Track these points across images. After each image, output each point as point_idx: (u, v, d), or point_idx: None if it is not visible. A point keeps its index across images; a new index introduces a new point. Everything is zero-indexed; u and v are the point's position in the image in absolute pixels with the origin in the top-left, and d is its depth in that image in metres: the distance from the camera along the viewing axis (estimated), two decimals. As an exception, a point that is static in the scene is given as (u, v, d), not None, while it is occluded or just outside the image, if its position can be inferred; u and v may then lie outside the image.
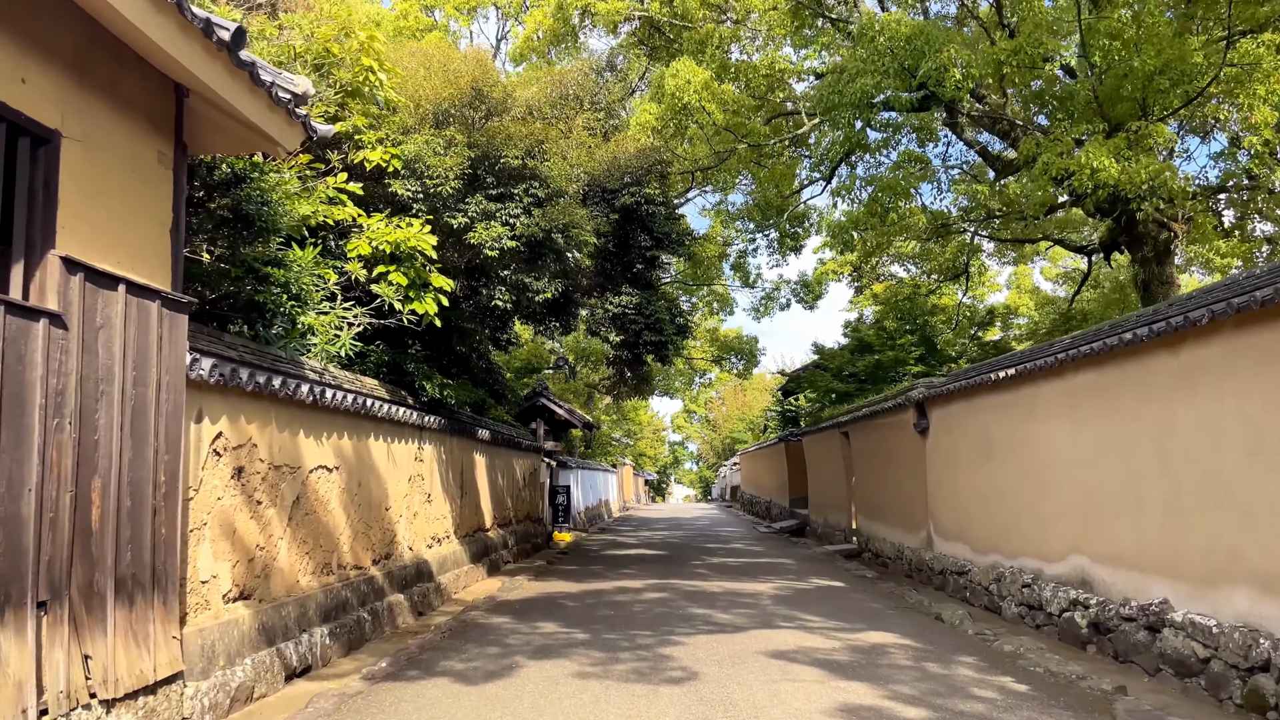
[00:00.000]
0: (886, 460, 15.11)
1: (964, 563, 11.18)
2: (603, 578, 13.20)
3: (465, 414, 13.92)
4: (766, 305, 25.94)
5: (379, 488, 9.71)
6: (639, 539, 22.08)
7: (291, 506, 7.52)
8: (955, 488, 11.71)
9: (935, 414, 12.52)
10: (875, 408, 15.14)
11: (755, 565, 15.00)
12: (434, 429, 11.69)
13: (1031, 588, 9.06)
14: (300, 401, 7.48)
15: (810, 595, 11.01)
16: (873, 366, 19.84)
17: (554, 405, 21.17)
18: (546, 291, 10.34)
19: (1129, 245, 14.36)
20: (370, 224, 9.37)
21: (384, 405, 9.64)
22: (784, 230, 22.39)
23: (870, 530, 16.37)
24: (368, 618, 8.73)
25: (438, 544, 11.97)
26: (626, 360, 14.83)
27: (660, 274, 14.12)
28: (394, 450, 10.25)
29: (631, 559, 16.48)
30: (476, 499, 14.45)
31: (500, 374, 16.84)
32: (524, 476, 18.54)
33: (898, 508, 14.48)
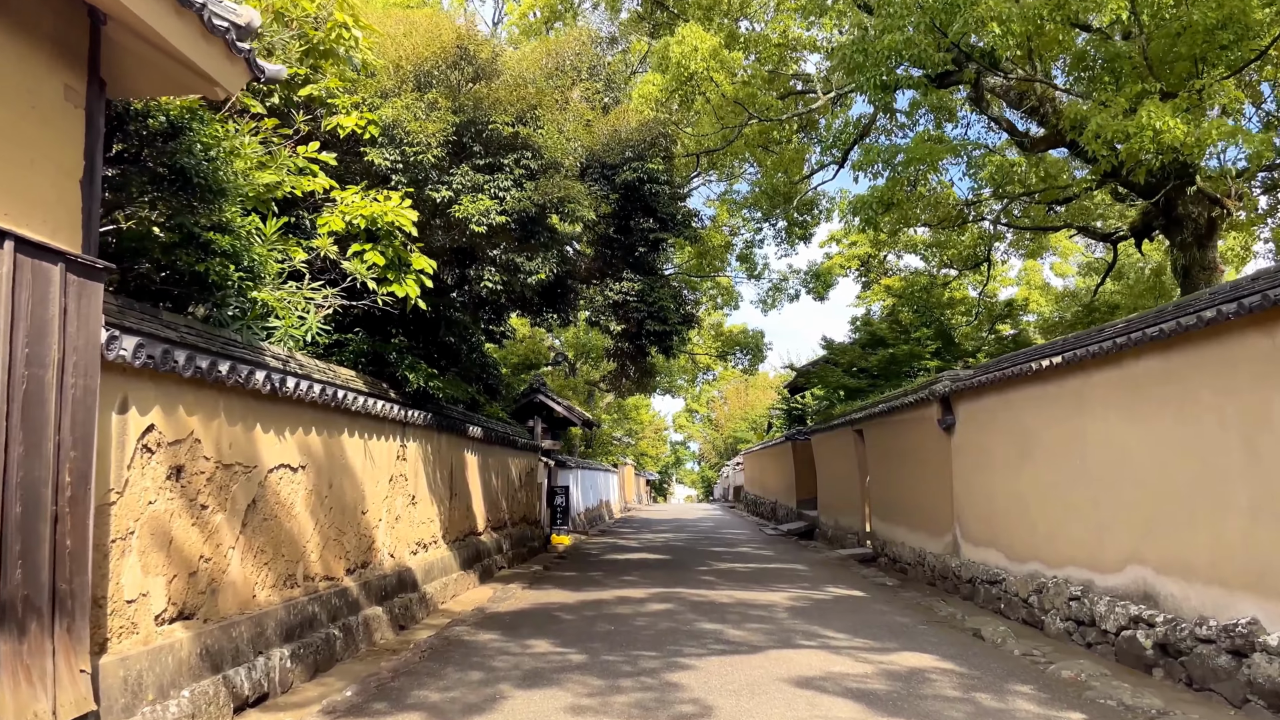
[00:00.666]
0: (905, 459, 14.16)
1: (997, 571, 10.23)
2: (602, 586, 12.26)
3: (455, 410, 12.99)
4: (774, 297, 24.98)
5: (354, 489, 8.76)
6: (641, 542, 21.14)
7: (246, 511, 6.58)
8: (986, 489, 10.76)
9: (962, 409, 11.57)
10: (893, 403, 14.19)
11: (766, 572, 14.05)
12: (419, 425, 10.76)
13: (1081, 601, 8.11)
14: (256, 391, 6.54)
15: (829, 607, 10.06)
16: (886, 361, 18.88)
17: (552, 402, 20.24)
18: (540, 273, 9.39)
19: (1166, 229, 13.41)
20: (344, 197, 8.42)
21: (360, 398, 8.70)
22: (792, 219, 21.45)
23: (887, 534, 15.42)
24: (339, 635, 7.79)
25: (423, 550, 11.03)
26: (628, 352, 13.88)
27: (664, 259, 13.17)
28: (372, 448, 9.31)
29: (633, 564, 15.54)
30: (467, 501, 13.51)
31: (495, 368, 15.90)
32: (520, 476, 17.60)
33: (918, 510, 13.53)
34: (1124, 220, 18.94)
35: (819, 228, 21.06)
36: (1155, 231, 14.73)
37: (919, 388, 13.01)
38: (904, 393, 13.99)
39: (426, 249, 9.06)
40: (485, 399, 16.39)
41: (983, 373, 10.76)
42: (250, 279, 6.19)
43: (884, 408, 14.77)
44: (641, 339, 12.89)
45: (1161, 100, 7.67)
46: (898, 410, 14.05)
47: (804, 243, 21.97)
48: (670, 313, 11.95)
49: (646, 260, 12.16)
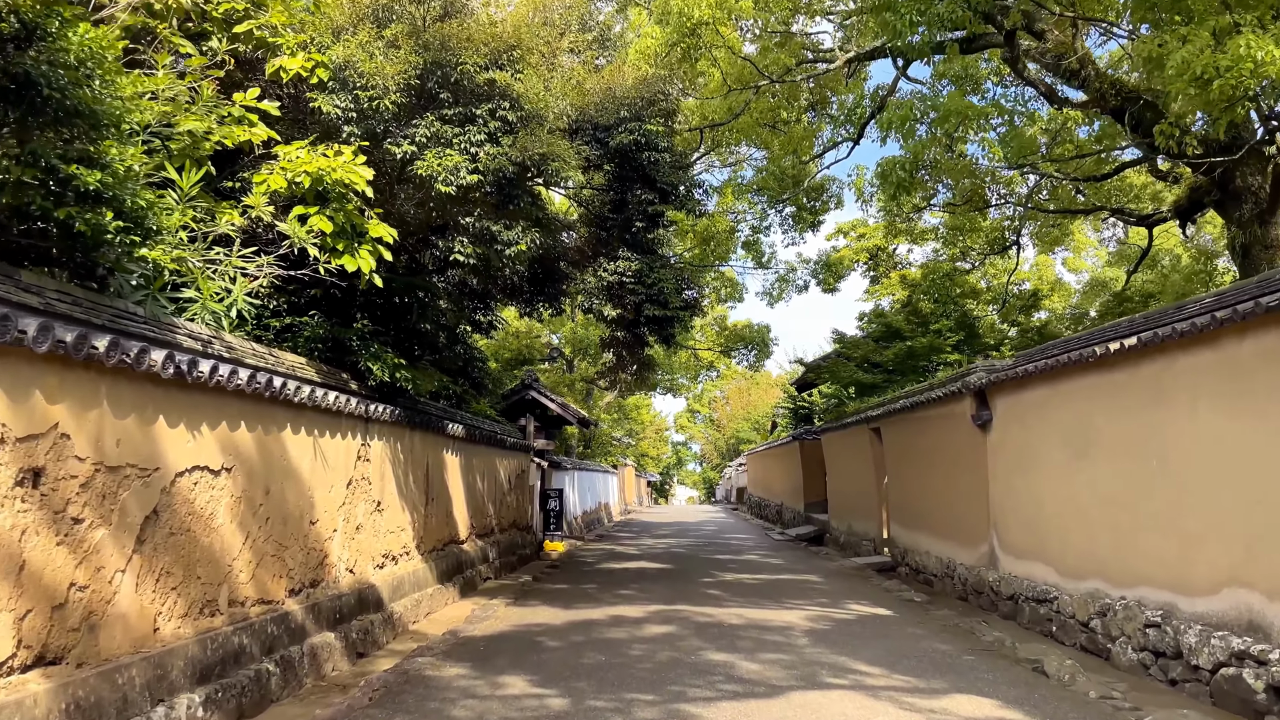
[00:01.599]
0: (931, 460, 12.84)
1: (1046, 588, 8.91)
2: (596, 601, 10.96)
3: (433, 405, 11.69)
4: (780, 288, 23.64)
5: (300, 495, 7.46)
6: (640, 548, 19.82)
7: (144, 525, 5.28)
8: (1031, 494, 9.45)
9: (1001, 403, 10.26)
10: (918, 398, 12.88)
11: (777, 584, 12.74)
12: (386, 421, 9.46)
13: (1162, 629, 6.79)
14: (155, 376, 5.24)
15: (855, 630, 8.75)
16: (903, 355, 17.57)
17: (545, 399, 18.94)
18: (520, 243, 8.10)
19: (1221, 205, 12.10)
20: (287, 152, 7.13)
21: (307, 389, 7.40)
22: (800, 204, 20.13)
23: (908, 541, 14.10)
24: (274, 670, 6.50)
25: (391, 563, 9.73)
26: (625, 342, 12.58)
27: (664, 238, 11.87)
28: (325, 447, 8.01)
29: (631, 574, 14.23)
30: (447, 506, 12.21)
31: (480, 361, 14.62)
32: (509, 479, 16.30)
33: (946, 516, 12.22)
34: (1158, 203, 17.63)
35: (829, 214, 19.75)
36: (1205, 210, 13.40)
37: (949, 380, 11.70)
38: (930, 386, 12.68)
39: (387, 216, 7.76)
40: (472, 394, 15.11)
41: (1027, 361, 9.44)
42: (136, 232, 4.88)
43: (906, 403, 13.46)
44: (639, 326, 11.59)
45: (1260, 30, 6.41)
46: (922, 406, 12.74)
47: (813, 230, 20.68)
48: (671, 296, 10.66)
49: (644, 237, 10.86)
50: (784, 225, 21.05)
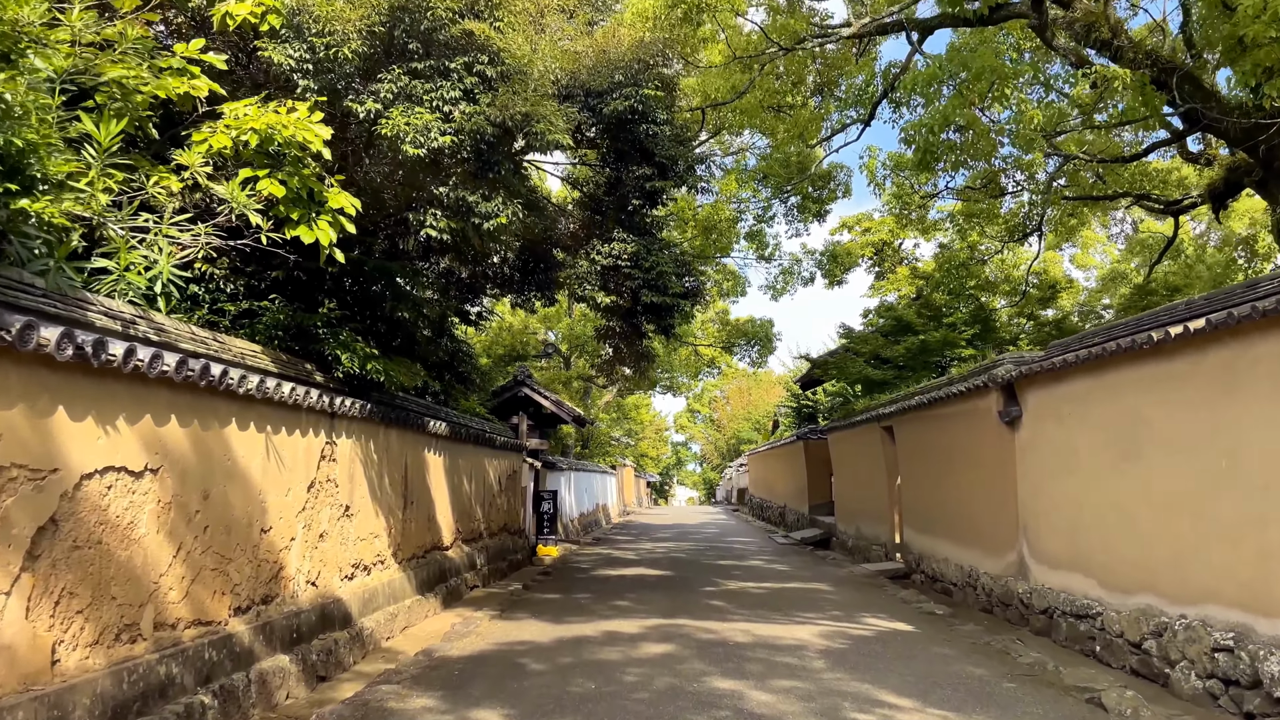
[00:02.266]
0: (950, 460, 11.95)
1: (1087, 603, 8.02)
2: (589, 614, 10.07)
3: (413, 401, 10.81)
4: (785, 281, 22.71)
5: (249, 500, 6.57)
6: (639, 553, 18.93)
7: (36, 537, 4.40)
8: (1068, 497, 8.56)
9: (1033, 397, 9.37)
10: (935, 394, 11.99)
11: (785, 594, 11.85)
12: (356, 417, 8.57)
13: (1235, 654, 5.90)
14: (50, 359, 4.35)
15: (875, 649, 7.86)
16: (915, 350, 16.68)
17: (539, 396, 18.04)
18: (500, 216, 7.19)
19: (1263, 185, 11.21)
20: (234, 108, 6.24)
21: (257, 379, 6.51)
22: (806, 192, 19.26)
23: (924, 547, 13.21)
24: (211, 702, 5.61)
25: (363, 573, 8.84)
26: (621, 333, 11.67)
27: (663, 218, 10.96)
28: (280, 445, 7.11)
29: (628, 582, 13.34)
30: (429, 510, 11.32)
31: (468, 355, 13.74)
32: (499, 480, 15.41)
33: (967, 521, 11.33)
34: (1184, 189, 16.75)
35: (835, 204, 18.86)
36: (1239, 193, 12.52)
37: (972, 374, 10.82)
38: (950, 381, 11.79)
39: (350, 185, 6.87)
40: (460, 390, 14.23)
41: (1063, 351, 8.55)
42: (14, 180, 3.98)
43: (923, 399, 12.57)
44: (636, 316, 10.70)
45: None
46: (941, 402, 11.85)
47: (818, 220, 19.78)
48: (671, 281, 9.76)
49: (642, 218, 9.97)
50: (789, 215, 20.17)
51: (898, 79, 13.77)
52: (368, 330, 9.75)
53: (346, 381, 8.58)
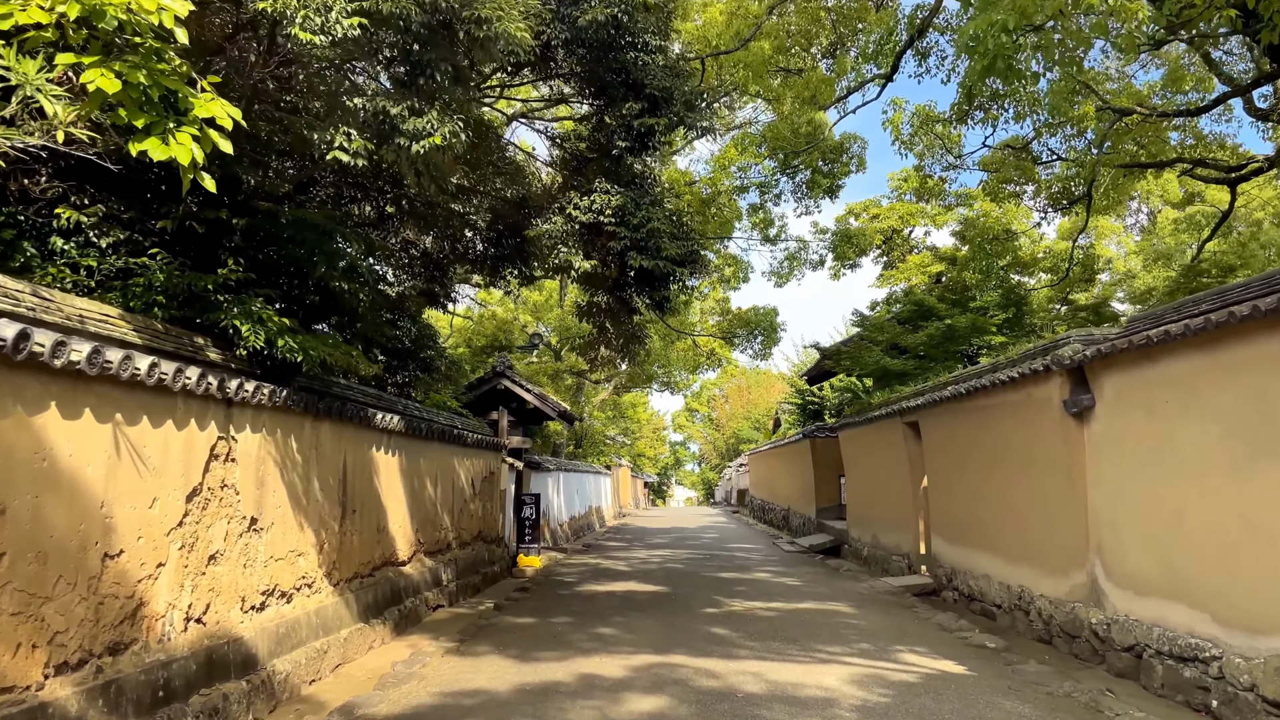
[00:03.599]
0: (994, 459, 10.20)
1: (1195, 643, 6.27)
2: (564, 647, 8.31)
3: (356, 390, 9.05)
4: (791, 266, 20.93)
5: (81, 515, 4.80)
6: (632, 563, 17.15)
7: None
8: (1165, 506, 6.81)
9: (1110, 383, 7.61)
10: (975, 383, 10.24)
11: (799, 617, 10.10)
12: (267, 406, 6.80)
13: None
14: None
15: (925, 703, 6.11)
16: (939, 337, 14.92)
17: (521, 389, 16.27)
18: (434, 135, 5.40)
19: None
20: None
21: (87, 346, 4.74)
22: (816, 166, 17.50)
23: (957, 560, 11.46)
24: (-7, 814, 3.84)
25: (279, 601, 7.07)
26: (606, 309, 9.90)
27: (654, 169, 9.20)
28: (141, 440, 5.34)
29: (616, 601, 11.57)
30: (379, 519, 9.55)
31: (433, 340, 11.97)
32: (473, 483, 13.64)
33: (1017, 531, 9.58)
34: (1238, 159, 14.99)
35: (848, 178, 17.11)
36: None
37: (1025, 357, 9.06)
38: (993, 367, 10.03)
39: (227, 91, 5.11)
40: (425, 381, 12.47)
41: (1153, 325, 6.80)
42: None
43: (958, 390, 10.81)
44: (625, 288, 8.94)
45: None
46: (983, 392, 10.09)
47: (830, 197, 18.04)
48: (664, 242, 8.00)
49: (629, 164, 8.22)
50: (797, 192, 18.41)
51: (927, 23, 12.00)
52: (294, 302, 8.00)
53: (258, 363, 6.83)
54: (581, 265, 8.10)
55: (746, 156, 16.68)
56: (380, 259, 11.43)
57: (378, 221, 10.84)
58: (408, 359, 11.78)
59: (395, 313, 11.68)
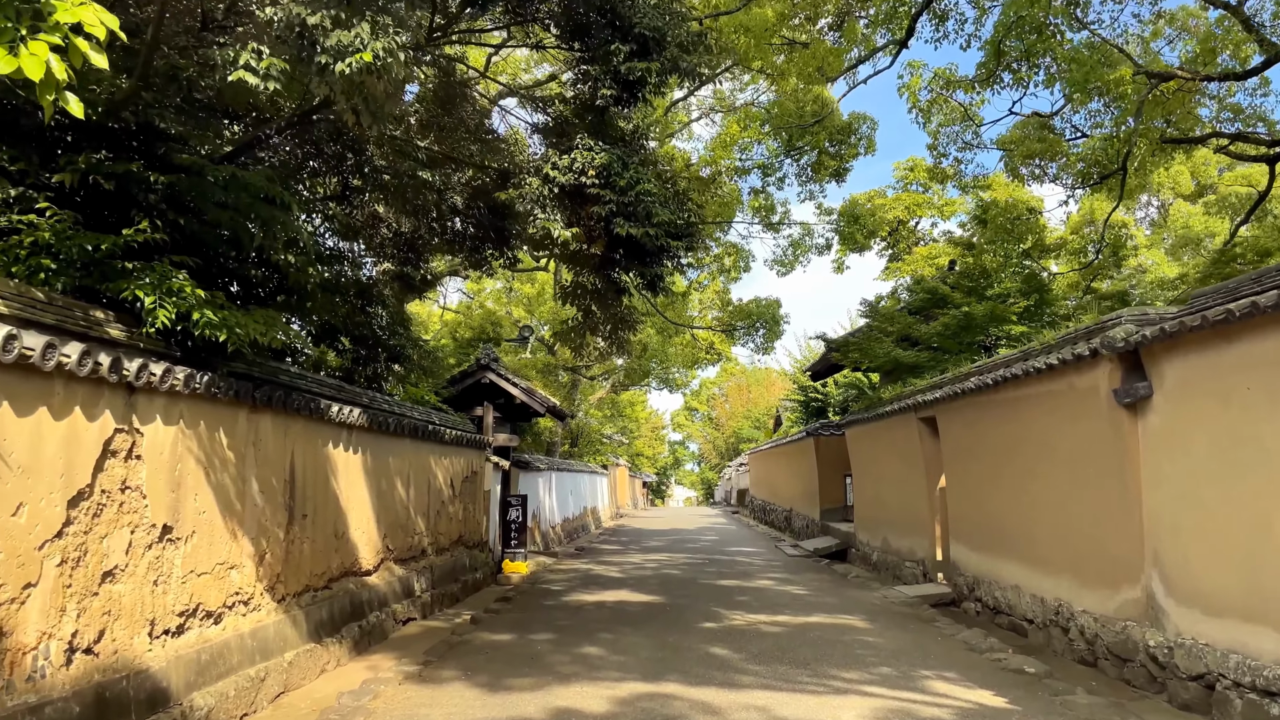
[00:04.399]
0: (1025, 456, 9.16)
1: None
2: (541, 672, 7.28)
3: (307, 377, 8.02)
4: (795, 253, 19.87)
5: (-98, 526, 3.76)
6: (625, 568, 16.12)
7: None
8: (1245, 511, 5.77)
9: (1173, 369, 6.58)
10: (1002, 373, 9.20)
11: (809, 634, 9.06)
12: (185, 394, 5.76)
13: None
14: None
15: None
16: (956, 326, 13.89)
17: (506, 383, 15.25)
18: (363, 52, 4.36)
19: None
20: None
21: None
22: (822, 146, 16.47)
23: (980, 568, 10.43)
24: None
25: (204, 622, 6.03)
26: (592, 290, 8.86)
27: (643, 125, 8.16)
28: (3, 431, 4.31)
29: (606, 614, 10.54)
30: (336, 524, 8.51)
31: (403, 327, 10.92)
32: (452, 483, 12.60)
33: (1053, 538, 8.54)
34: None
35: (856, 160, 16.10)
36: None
37: (1065, 341, 8.03)
38: (1024, 355, 8.99)
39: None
40: (397, 372, 11.44)
41: (1229, 298, 5.76)
42: None
43: (982, 381, 9.77)
44: (612, 264, 7.90)
45: None
46: (1013, 382, 9.06)
47: (837, 180, 17.02)
48: (655, 208, 6.96)
49: (615, 120, 7.18)
50: (801, 175, 17.37)
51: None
52: (229, 276, 6.95)
53: (177, 344, 5.80)
54: (561, 234, 7.06)
55: (749, 134, 15.66)
56: (344, 235, 10.41)
57: (341, 195, 9.81)
58: (379, 348, 10.74)
59: (363, 297, 10.64)
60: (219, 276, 6.67)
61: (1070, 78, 10.04)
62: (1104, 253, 14.41)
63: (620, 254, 7.68)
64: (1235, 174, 28.99)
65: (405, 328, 11.06)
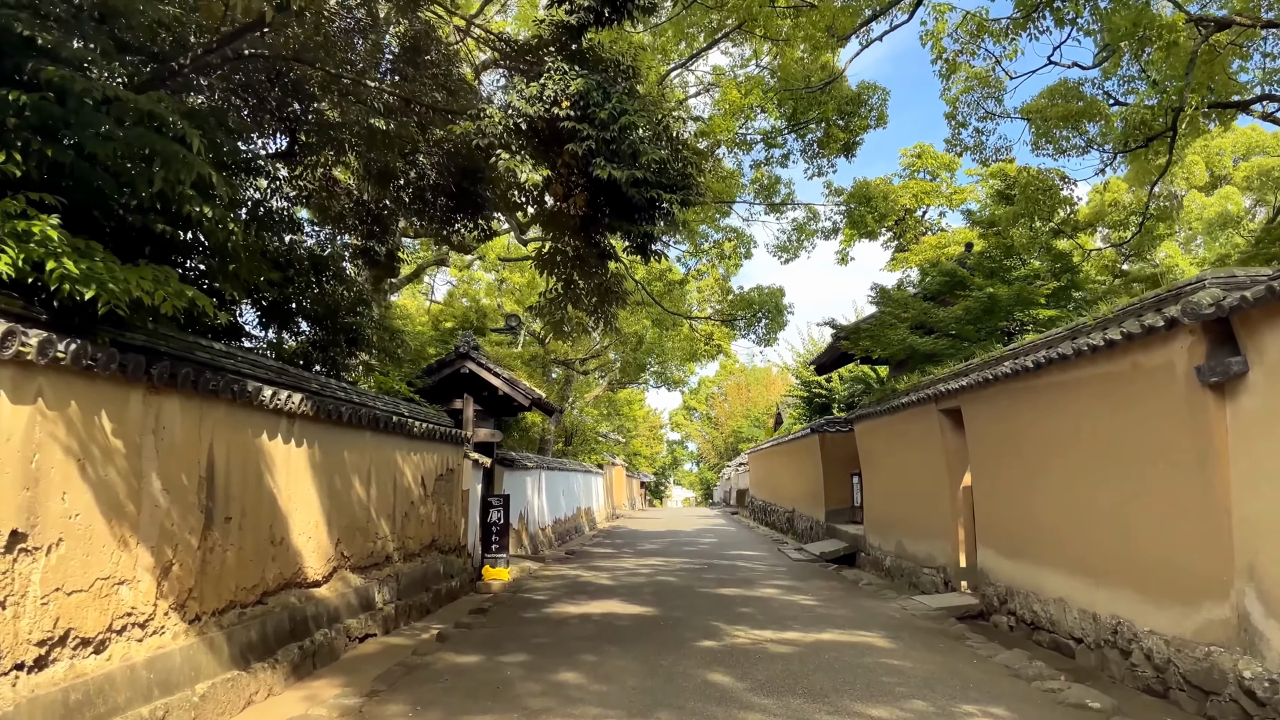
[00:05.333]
0: (1075, 449, 7.95)
1: None
2: (507, 707, 6.09)
3: (236, 354, 6.81)
4: (799, 237, 18.62)
5: None
6: (617, 574, 14.90)
7: None
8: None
9: (1278, 340, 5.37)
10: (1047, 354, 7.99)
11: (823, 655, 7.85)
12: (36, 365, 4.55)
13: None
14: None
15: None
16: (979, 310, 12.68)
17: (488, 373, 14.03)
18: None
19: None
20: None
21: None
22: (830, 118, 15.27)
23: (1015, 577, 9.22)
24: None
25: (80, 652, 4.82)
26: (573, 257, 7.64)
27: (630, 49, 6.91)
28: None
29: (591, 629, 9.33)
30: (276, 528, 7.30)
31: (363, 306, 9.71)
32: (423, 481, 11.39)
33: (1111, 544, 7.34)
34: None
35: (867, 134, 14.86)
36: None
37: (1131, 311, 6.82)
38: (1072, 332, 7.78)
39: None
40: (357, 356, 10.24)
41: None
42: None
43: (1020, 365, 8.57)
44: (595, 224, 6.68)
45: None
46: (1058, 365, 7.85)
47: (846, 155, 15.82)
48: (643, 146, 5.74)
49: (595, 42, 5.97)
50: (807, 151, 16.17)
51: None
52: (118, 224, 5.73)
53: (43, 303, 4.59)
54: (529, 178, 5.82)
55: (751, 99, 14.44)
56: (296, 201, 9.20)
57: (289, 152, 8.60)
58: (338, 330, 9.53)
59: (319, 270, 9.43)
60: (106, 224, 5.46)
61: (1113, 24, 8.90)
62: (1148, 225, 13.18)
63: (604, 210, 6.48)
64: (1251, 164, 27.82)
65: (368, 306, 9.85)
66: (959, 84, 13.49)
